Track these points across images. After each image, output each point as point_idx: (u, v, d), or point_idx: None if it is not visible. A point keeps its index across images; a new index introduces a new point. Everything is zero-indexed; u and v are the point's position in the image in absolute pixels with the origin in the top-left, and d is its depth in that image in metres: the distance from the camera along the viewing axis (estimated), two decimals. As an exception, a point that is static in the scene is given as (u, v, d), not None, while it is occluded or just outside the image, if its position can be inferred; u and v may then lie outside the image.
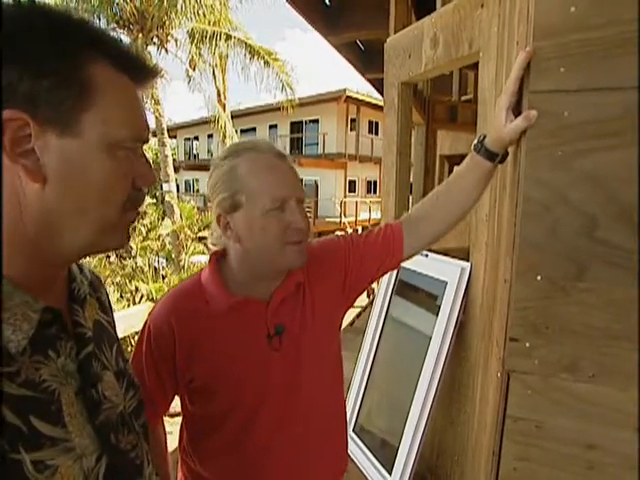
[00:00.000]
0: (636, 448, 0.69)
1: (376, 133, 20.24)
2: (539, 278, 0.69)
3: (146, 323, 0.85)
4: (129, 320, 1.82)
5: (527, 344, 0.71)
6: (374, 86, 4.78)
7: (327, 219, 17.45)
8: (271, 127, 20.75)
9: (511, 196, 0.78)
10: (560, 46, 0.64)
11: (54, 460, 0.41)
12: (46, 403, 0.42)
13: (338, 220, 16.03)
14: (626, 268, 0.65)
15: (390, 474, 1.92)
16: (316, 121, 19.16)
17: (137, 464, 0.53)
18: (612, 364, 0.68)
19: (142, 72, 0.50)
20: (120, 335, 0.65)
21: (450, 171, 6.17)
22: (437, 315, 1.92)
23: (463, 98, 4.21)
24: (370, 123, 20.06)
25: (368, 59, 4.23)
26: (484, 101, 1.61)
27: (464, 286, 1.81)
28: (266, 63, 9.20)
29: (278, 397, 0.85)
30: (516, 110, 0.71)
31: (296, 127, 19.99)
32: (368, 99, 17.59)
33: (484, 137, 0.81)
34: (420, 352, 1.95)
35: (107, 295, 0.65)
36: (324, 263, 0.92)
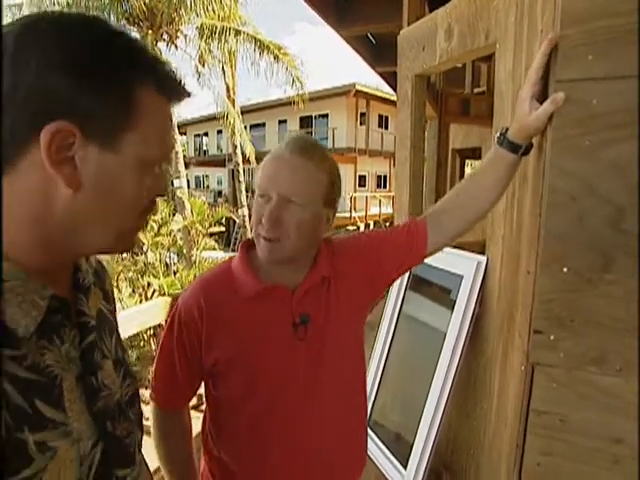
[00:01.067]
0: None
1: (386, 127, 20.13)
2: (565, 270, 0.68)
3: (176, 308, 0.88)
4: (143, 315, 1.83)
5: (552, 337, 0.71)
6: (385, 79, 4.75)
7: (337, 214, 17.37)
8: (280, 122, 20.74)
9: (534, 187, 0.77)
10: (587, 33, 0.62)
11: (54, 442, 0.43)
12: (49, 387, 0.44)
13: (348, 215, 16.00)
14: (655, 260, 0.64)
15: (405, 468, 1.93)
16: (325, 116, 19.10)
17: (130, 451, 0.56)
18: (638, 357, 0.67)
19: (179, 94, 0.54)
20: (134, 330, 0.69)
21: (462, 165, 6.12)
22: (452, 310, 1.91)
23: (476, 91, 4.17)
24: (380, 117, 19.94)
25: (379, 52, 4.19)
26: (500, 93, 1.59)
27: (480, 280, 1.80)
28: (276, 58, 9.18)
29: (299, 386, 0.87)
30: (540, 99, 0.70)
31: (305, 122, 19.95)
32: (378, 93, 17.48)
33: (506, 129, 0.80)
34: (435, 347, 1.94)
35: (110, 283, 0.68)
36: (349, 258, 0.93)
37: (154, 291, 6.89)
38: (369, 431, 2.26)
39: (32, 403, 0.42)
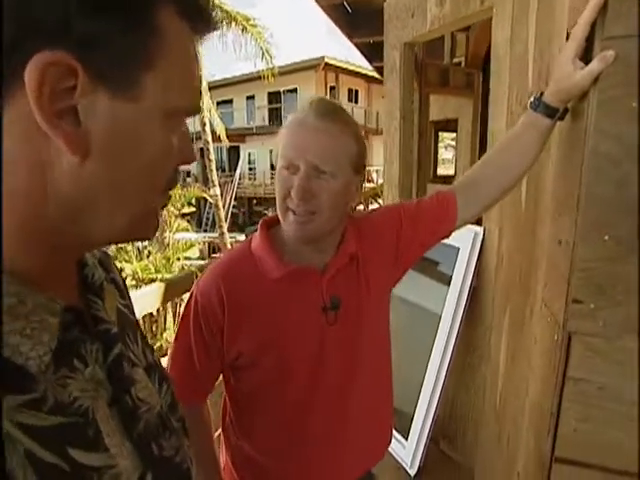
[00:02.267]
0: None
1: (356, 101, 19.94)
2: (606, 237, 0.67)
3: (192, 295, 0.81)
4: (140, 302, 1.75)
5: (592, 305, 0.70)
6: (361, 51, 4.64)
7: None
8: (248, 98, 20.23)
9: (569, 152, 0.74)
10: (639, -14, 0.59)
11: None
12: (82, 427, 0.34)
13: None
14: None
15: (406, 439, 1.96)
16: (294, 90, 18.73)
17: (184, 469, 0.48)
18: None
19: (204, 22, 0.41)
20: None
21: (436, 137, 6.11)
22: (448, 285, 1.92)
23: (454, 61, 4.12)
24: (349, 91, 19.71)
25: (355, 22, 4.07)
26: (498, 59, 1.55)
27: (477, 252, 1.81)
28: (244, 30, 8.83)
29: (333, 373, 0.82)
30: (582, 58, 0.67)
31: (274, 97, 19.53)
32: (347, 66, 17.22)
33: (541, 94, 0.76)
34: (432, 324, 1.95)
35: (120, 273, 0.56)
36: (377, 233, 0.88)
37: (126, 276, 6.71)
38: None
39: (65, 454, 0.32)
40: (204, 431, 0.86)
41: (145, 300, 1.79)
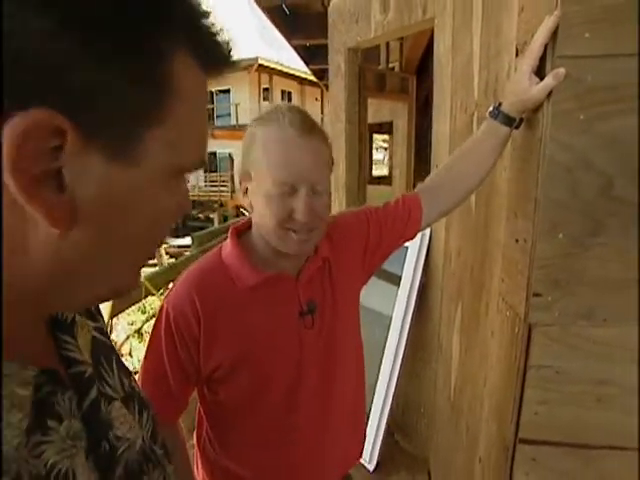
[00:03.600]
0: (634, 378, 0.78)
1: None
2: (561, 236, 0.74)
3: (162, 309, 0.77)
4: None
5: (549, 298, 0.77)
6: (298, 53, 4.67)
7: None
8: (179, 97, 19.47)
9: (525, 159, 0.81)
10: (586, 11, 0.66)
11: None
12: None
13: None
14: (635, 223, 0.72)
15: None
16: (227, 91, 18.37)
17: None
18: (621, 307, 0.76)
19: (222, 65, 0.36)
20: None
21: (370, 139, 6.30)
22: (397, 285, 1.99)
23: (388, 66, 4.28)
24: (283, 93, 19.70)
25: (293, 24, 4.09)
26: (440, 67, 1.64)
27: (425, 251, 1.90)
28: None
29: (313, 377, 0.83)
30: (538, 75, 0.73)
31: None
32: (281, 68, 17.21)
33: (499, 104, 0.82)
34: (382, 329, 2.01)
35: None
36: (346, 237, 0.90)
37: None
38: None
39: None
40: (179, 449, 0.83)
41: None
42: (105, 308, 1.78)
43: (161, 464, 0.45)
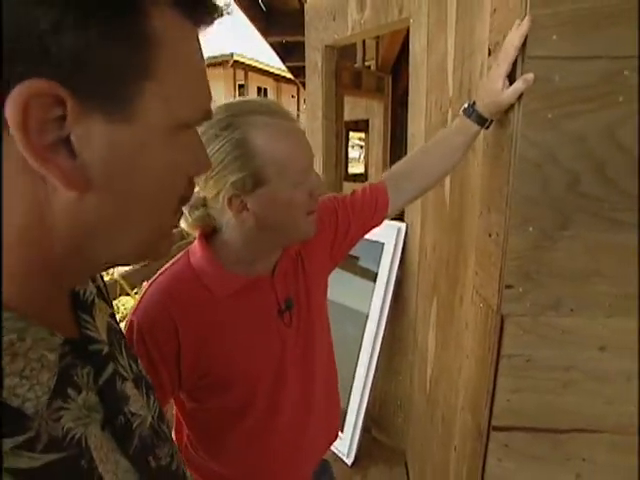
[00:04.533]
0: (598, 365, 0.83)
1: (265, 100, 19.81)
2: (531, 229, 0.77)
3: (131, 324, 0.71)
4: None
5: (520, 289, 0.80)
6: (275, 50, 4.65)
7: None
8: (151, 93, 19.10)
9: (497, 155, 0.84)
10: (554, 15, 0.69)
11: None
12: (76, 459, 0.33)
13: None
14: (600, 217, 0.76)
15: (342, 432, 2.03)
16: (202, 87, 18.11)
17: (181, 474, 0.48)
18: (587, 297, 0.80)
19: (210, 13, 0.36)
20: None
21: (347, 136, 6.35)
22: (374, 281, 2.02)
23: (365, 64, 4.31)
24: (259, 89, 19.57)
25: (269, 21, 4.07)
26: (416, 66, 1.68)
27: (401, 246, 1.93)
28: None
29: (295, 374, 0.84)
30: (509, 75, 0.76)
31: (180, 93, 18.70)
32: (256, 64, 17.07)
33: (474, 102, 0.85)
34: (358, 327, 2.03)
35: (102, 278, 0.52)
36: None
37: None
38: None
39: None
40: None
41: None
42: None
43: (169, 441, 0.47)
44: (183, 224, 0.78)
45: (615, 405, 0.83)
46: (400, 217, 1.97)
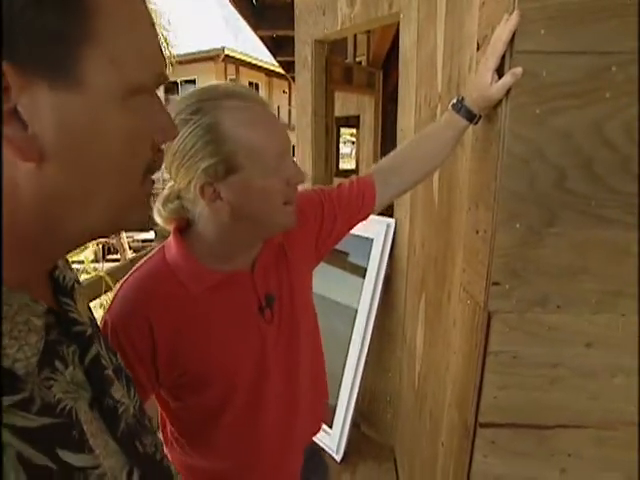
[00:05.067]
0: (585, 361, 0.83)
1: (257, 95, 19.68)
2: (518, 226, 0.77)
3: (106, 324, 0.69)
4: None
5: (507, 286, 0.79)
6: (265, 44, 4.61)
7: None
8: (141, 87, 18.89)
9: (485, 150, 0.83)
10: (542, 9, 0.68)
11: None
12: (68, 428, 0.34)
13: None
14: (587, 214, 0.75)
15: (331, 427, 2.03)
16: (193, 82, 17.93)
17: (165, 465, 0.48)
18: (573, 294, 0.80)
19: None
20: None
21: (337, 132, 6.33)
22: (363, 277, 2.01)
23: (356, 59, 4.29)
24: (250, 84, 19.42)
25: (260, 14, 4.03)
26: (406, 61, 1.66)
27: (390, 242, 1.92)
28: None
29: (277, 371, 0.82)
30: (498, 70, 0.75)
31: (171, 88, 18.50)
32: (247, 59, 16.95)
33: (462, 98, 0.84)
34: (347, 321, 2.03)
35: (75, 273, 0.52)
36: (299, 219, 0.82)
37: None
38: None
39: (55, 456, 0.32)
40: None
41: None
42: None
43: (153, 433, 0.48)
44: (158, 219, 0.76)
45: (600, 401, 0.84)
46: (389, 213, 1.96)
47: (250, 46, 15.57)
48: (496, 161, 0.77)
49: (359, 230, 2.08)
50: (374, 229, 2.00)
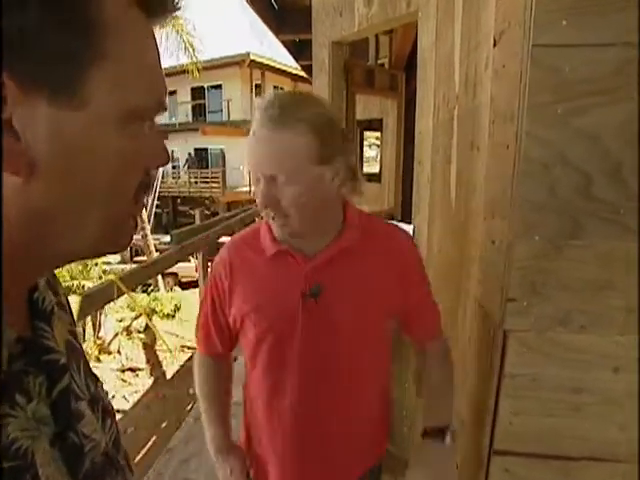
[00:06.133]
0: (613, 387, 0.75)
1: (282, 99, 19.83)
2: (537, 238, 0.70)
3: (212, 271, 0.96)
4: None
5: (525, 303, 0.73)
6: (287, 49, 4.60)
7: (236, 189, 16.97)
8: (170, 93, 19.34)
9: (501, 155, 0.77)
10: (563, -2, 0.62)
11: None
12: (20, 471, 0.31)
13: (247, 189, 15.67)
14: (616, 222, 0.68)
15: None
16: (219, 87, 18.24)
17: None
18: (598, 313, 0.72)
19: (164, 6, 0.36)
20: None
21: (361, 136, 6.25)
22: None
23: (378, 62, 4.23)
24: (275, 89, 19.59)
25: (281, 18, 4.03)
26: (424, 61, 1.60)
27: (408, 249, 1.85)
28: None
29: (306, 356, 0.87)
30: (513, 65, 0.69)
31: (197, 93, 18.86)
32: (272, 63, 17.09)
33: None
34: None
35: (64, 292, 0.51)
36: (392, 249, 0.93)
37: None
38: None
39: None
40: (216, 378, 1.02)
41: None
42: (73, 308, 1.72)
43: (124, 471, 0.45)
44: None
45: (630, 432, 0.75)
46: (408, 220, 1.89)
47: (275, 51, 15.69)
48: (513, 166, 0.70)
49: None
50: (391, 235, 1.93)
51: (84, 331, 3.86)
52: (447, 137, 1.32)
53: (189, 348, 5.75)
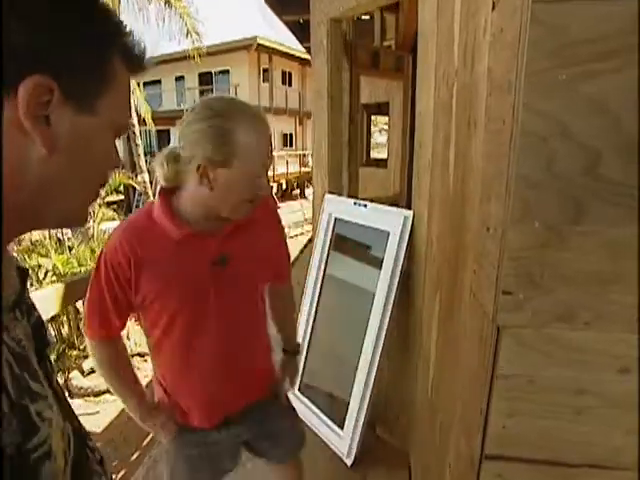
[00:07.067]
0: (618, 388, 0.67)
1: (289, 84, 19.63)
2: (536, 224, 0.62)
3: (102, 254, 0.99)
4: (43, 303, 1.51)
5: (521, 296, 0.65)
6: (291, 30, 4.48)
7: (246, 176, 16.82)
8: (178, 79, 19.22)
9: (499, 130, 0.69)
10: (569, -59, 0.53)
11: (46, 413, 0.42)
12: (28, 360, 0.43)
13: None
14: (624, 207, 0.60)
15: (342, 429, 1.92)
16: (226, 72, 18.04)
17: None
18: (604, 307, 0.64)
19: (141, 68, 0.52)
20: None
21: (369, 120, 6.09)
22: (380, 268, 1.88)
23: (384, 44, 4.09)
24: (283, 74, 19.35)
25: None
26: (425, 37, 1.50)
27: (407, 235, 1.78)
28: (167, 3, 8.21)
29: (213, 317, 1.05)
30: (511, 32, 0.60)
31: (205, 78, 18.69)
32: (280, 47, 16.82)
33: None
34: (365, 307, 1.91)
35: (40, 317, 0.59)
36: (271, 224, 1.19)
37: (47, 272, 6.10)
38: (300, 396, 2.22)
39: (23, 375, 0.41)
40: (117, 359, 1.10)
41: (46, 302, 1.56)
42: (57, 297, 1.68)
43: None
44: (160, 172, 0.99)
45: (637, 437, 0.68)
46: (407, 205, 1.81)
47: (283, 35, 15.44)
48: (509, 143, 0.62)
49: (376, 222, 1.94)
50: (391, 221, 1.86)
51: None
52: (447, 117, 1.23)
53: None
